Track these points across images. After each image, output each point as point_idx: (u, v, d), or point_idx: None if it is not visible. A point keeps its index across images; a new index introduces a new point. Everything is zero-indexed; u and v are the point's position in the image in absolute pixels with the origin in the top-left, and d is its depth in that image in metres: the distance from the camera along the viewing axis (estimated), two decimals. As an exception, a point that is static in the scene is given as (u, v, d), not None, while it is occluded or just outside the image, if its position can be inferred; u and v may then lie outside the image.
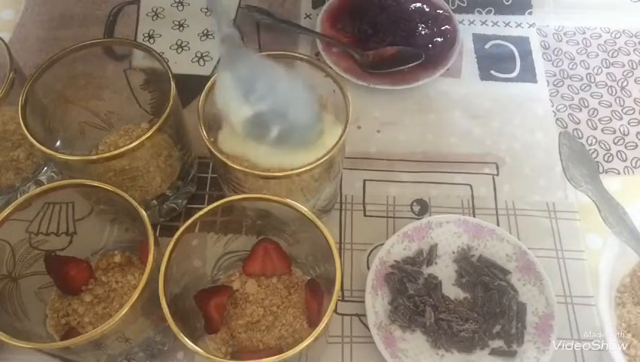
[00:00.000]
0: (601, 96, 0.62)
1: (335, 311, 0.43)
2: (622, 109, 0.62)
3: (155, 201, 0.50)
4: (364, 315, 0.46)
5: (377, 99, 0.61)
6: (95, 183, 0.41)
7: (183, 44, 0.66)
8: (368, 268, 0.50)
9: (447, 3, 0.67)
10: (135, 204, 0.39)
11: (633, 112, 0.61)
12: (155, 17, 0.68)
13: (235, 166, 0.41)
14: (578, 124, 0.60)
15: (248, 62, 0.42)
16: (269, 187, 0.43)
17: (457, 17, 0.66)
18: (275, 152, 0.43)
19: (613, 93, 0.63)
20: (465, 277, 0.49)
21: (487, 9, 0.69)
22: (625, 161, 0.58)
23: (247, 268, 0.46)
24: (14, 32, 0.66)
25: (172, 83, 0.44)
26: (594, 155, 0.58)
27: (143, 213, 0.39)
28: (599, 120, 0.61)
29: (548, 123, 0.60)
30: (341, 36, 0.65)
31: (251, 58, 0.43)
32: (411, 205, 0.55)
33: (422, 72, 0.61)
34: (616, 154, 0.58)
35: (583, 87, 0.63)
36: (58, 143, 0.48)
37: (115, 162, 0.43)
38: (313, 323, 0.42)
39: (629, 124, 0.60)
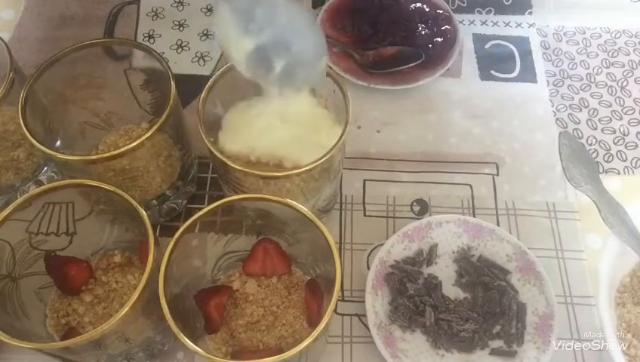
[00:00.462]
0: (601, 96, 0.62)
1: (335, 311, 0.43)
2: (622, 109, 0.62)
3: (155, 201, 0.50)
4: (364, 315, 0.46)
5: (377, 99, 0.61)
6: (95, 183, 0.41)
7: (183, 44, 0.66)
8: (368, 268, 0.50)
9: (447, 3, 0.67)
10: (135, 204, 0.39)
11: (633, 112, 0.61)
12: (155, 17, 0.68)
13: (235, 166, 0.41)
14: (578, 124, 0.60)
15: None
16: (269, 187, 0.43)
17: (457, 17, 0.66)
18: (278, 146, 0.43)
19: (613, 93, 0.63)
20: (465, 277, 0.49)
21: (487, 9, 0.69)
22: (625, 161, 0.58)
23: (247, 268, 0.46)
24: (14, 32, 0.66)
25: (172, 83, 0.44)
26: (594, 155, 0.58)
27: (143, 213, 0.39)
28: (599, 120, 0.61)
29: (548, 123, 0.60)
30: (341, 36, 0.65)
31: None
32: (411, 205, 0.55)
33: (422, 72, 0.61)
34: (616, 154, 0.58)
35: (583, 87, 0.63)
36: (58, 143, 0.48)
37: (115, 162, 0.43)
38: (313, 323, 0.42)
39: (629, 124, 0.60)
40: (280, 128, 0.44)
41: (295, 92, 0.42)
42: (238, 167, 0.41)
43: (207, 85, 0.44)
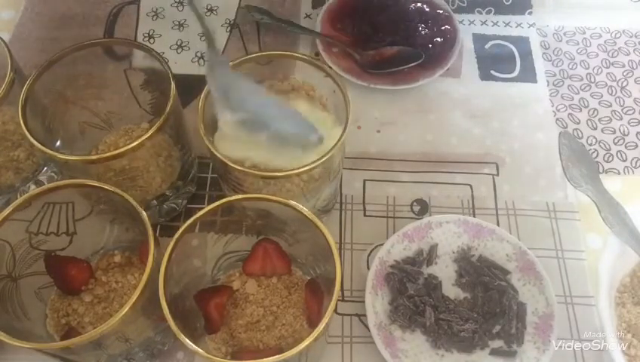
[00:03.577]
0: (601, 96, 0.62)
1: (335, 311, 0.43)
2: (622, 109, 0.62)
3: (155, 201, 0.50)
4: (364, 315, 0.46)
5: (377, 99, 0.61)
6: (95, 183, 0.41)
7: (183, 44, 0.66)
8: (368, 268, 0.50)
9: (447, 3, 0.67)
10: (135, 204, 0.39)
11: (633, 112, 0.61)
12: (155, 17, 0.68)
13: (235, 166, 0.41)
14: (578, 124, 0.60)
15: (225, 73, 0.43)
16: (269, 187, 0.43)
17: (457, 17, 0.66)
18: (274, 156, 0.43)
19: (613, 93, 0.63)
20: (465, 277, 0.49)
21: (487, 9, 0.69)
22: (625, 161, 0.58)
23: (247, 268, 0.46)
24: (14, 32, 0.66)
25: (172, 83, 0.44)
26: (594, 155, 0.58)
27: (143, 213, 0.39)
28: (599, 120, 0.61)
29: (548, 123, 0.60)
30: (341, 36, 0.65)
31: (227, 69, 0.43)
32: (411, 205, 0.55)
33: (422, 72, 0.61)
34: (616, 154, 0.58)
35: (583, 87, 0.63)
36: (58, 143, 0.48)
37: (115, 162, 0.43)
38: (313, 323, 0.42)
39: (629, 124, 0.60)
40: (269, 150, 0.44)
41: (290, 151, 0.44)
42: (238, 167, 0.41)
43: (207, 85, 0.44)
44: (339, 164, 0.47)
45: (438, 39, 0.63)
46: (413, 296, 0.47)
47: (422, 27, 0.64)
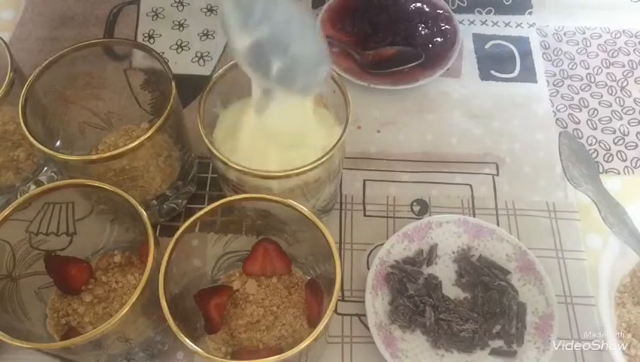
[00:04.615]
0: (601, 96, 0.62)
1: (335, 311, 0.43)
2: (622, 109, 0.62)
3: (155, 201, 0.50)
4: (364, 315, 0.46)
5: (377, 99, 0.61)
6: (95, 183, 0.41)
7: (183, 44, 0.66)
8: (368, 268, 0.50)
9: (447, 3, 0.67)
10: (135, 203, 0.39)
11: (633, 112, 0.61)
12: (155, 17, 0.68)
13: (235, 166, 0.41)
14: (578, 124, 0.60)
15: None
16: (268, 187, 0.43)
17: (457, 17, 0.66)
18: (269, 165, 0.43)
19: (613, 93, 0.63)
20: (465, 277, 0.49)
21: (487, 9, 0.69)
22: (625, 161, 0.58)
23: (247, 268, 0.46)
24: (14, 32, 0.66)
25: (172, 83, 0.44)
26: (594, 155, 0.58)
27: (143, 213, 0.39)
28: (599, 120, 0.61)
29: (548, 123, 0.60)
30: (341, 36, 0.65)
31: None
32: (411, 205, 0.55)
33: (422, 72, 0.61)
34: (616, 154, 0.58)
35: (583, 87, 0.63)
36: (58, 143, 0.49)
37: (115, 162, 0.43)
38: (313, 323, 0.42)
39: (629, 124, 0.60)
40: (268, 148, 0.44)
41: (294, 96, 0.42)
42: (238, 167, 0.41)
43: (207, 85, 0.44)
44: (339, 164, 0.47)
45: (438, 39, 0.63)
46: (413, 295, 0.47)
47: (422, 27, 0.64)
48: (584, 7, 0.69)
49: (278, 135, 0.44)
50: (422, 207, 0.55)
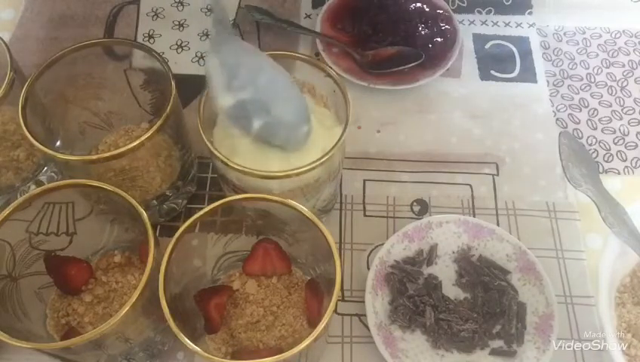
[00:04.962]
0: (601, 96, 0.62)
1: (335, 311, 0.43)
2: (622, 109, 0.62)
3: (155, 201, 0.50)
4: (364, 315, 0.46)
5: (377, 99, 0.61)
6: (95, 183, 0.41)
7: (183, 44, 0.66)
8: (368, 268, 0.50)
9: (447, 3, 0.67)
10: (135, 203, 0.39)
11: (633, 112, 0.61)
12: (155, 17, 0.68)
13: (235, 166, 0.41)
14: (578, 124, 0.60)
15: (234, 48, 0.42)
16: (268, 187, 0.43)
17: (457, 17, 0.66)
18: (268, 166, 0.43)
19: (613, 93, 0.63)
20: (465, 277, 0.49)
21: (487, 9, 0.69)
22: (625, 161, 0.58)
23: (247, 268, 0.46)
24: (14, 32, 0.66)
25: (172, 83, 0.44)
26: (594, 155, 0.58)
27: (143, 213, 0.39)
28: (599, 120, 0.61)
29: (548, 123, 0.60)
30: (341, 36, 0.65)
31: (238, 44, 0.42)
32: (411, 205, 0.55)
33: (422, 72, 0.61)
34: (616, 154, 0.58)
35: (583, 87, 0.63)
36: (58, 143, 0.48)
37: (115, 162, 0.43)
38: (313, 323, 0.42)
39: (629, 124, 0.60)
40: (268, 148, 0.44)
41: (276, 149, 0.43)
42: (238, 167, 0.41)
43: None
44: (339, 164, 0.47)
45: (438, 39, 0.63)
46: (413, 295, 0.47)
47: (422, 27, 0.64)
48: (584, 7, 0.69)
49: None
50: (422, 207, 0.55)
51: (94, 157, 0.43)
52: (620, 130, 0.60)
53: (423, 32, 0.64)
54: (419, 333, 0.47)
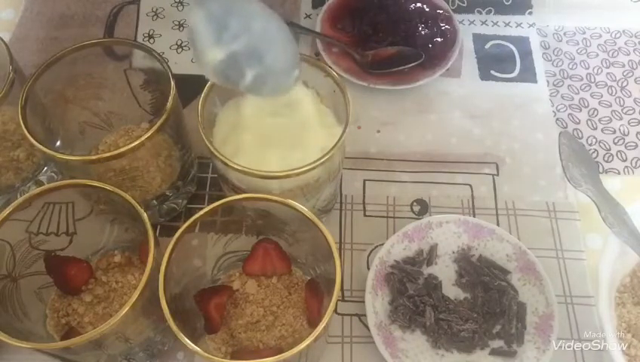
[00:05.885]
0: (601, 96, 0.62)
1: (335, 311, 0.43)
2: (622, 109, 0.62)
3: (155, 201, 0.50)
4: (364, 315, 0.46)
5: (377, 99, 0.61)
6: (95, 183, 0.41)
7: (183, 44, 0.66)
8: (368, 268, 0.50)
9: (447, 3, 0.67)
10: (135, 203, 0.40)
11: (633, 112, 0.61)
12: (155, 17, 0.68)
13: (235, 166, 0.41)
14: (578, 124, 0.60)
15: None
16: (268, 187, 0.43)
17: (457, 17, 0.66)
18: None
19: (613, 93, 0.63)
20: (465, 277, 0.49)
21: (487, 9, 0.69)
22: (625, 161, 0.58)
23: (247, 268, 0.46)
24: (14, 32, 0.66)
25: (172, 83, 0.44)
26: (594, 155, 0.58)
27: (143, 213, 0.39)
28: (599, 120, 0.61)
29: (548, 123, 0.60)
30: (341, 36, 0.65)
31: None
32: (411, 205, 0.55)
33: (422, 72, 0.61)
34: (616, 154, 0.58)
35: (583, 87, 0.63)
36: (58, 143, 0.48)
37: (115, 162, 0.43)
38: (313, 323, 0.42)
39: (629, 124, 0.60)
40: (268, 148, 0.44)
41: (264, 98, 0.42)
42: (238, 167, 0.41)
43: (207, 85, 0.44)
44: (339, 164, 0.47)
45: (438, 39, 0.63)
46: (413, 295, 0.47)
47: (422, 27, 0.64)
48: (584, 7, 0.69)
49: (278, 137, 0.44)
50: (422, 207, 0.55)
51: (94, 157, 0.43)
52: (620, 130, 0.60)
53: (423, 32, 0.64)
54: (419, 333, 0.47)
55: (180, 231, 0.39)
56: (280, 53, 0.40)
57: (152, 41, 0.66)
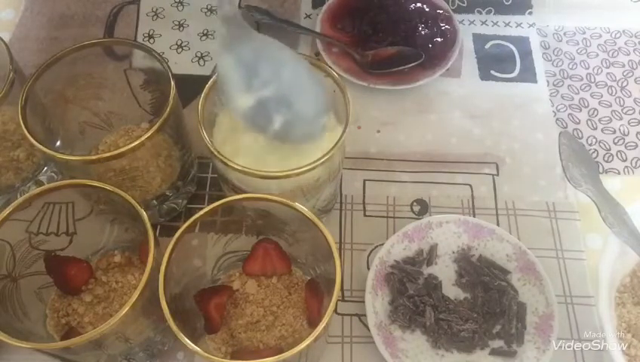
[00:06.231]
0: (601, 96, 0.62)
1: (335, 311, 0.43)
2: (622, 109, 0.62)
3: (155, 201, 0.50)
4: (364, 315, 0.46)
5: (377, 99, 0.61)
6: (95, 183, 0.41)
7: (183, 44, 0.66)
8: (368, 268, 0.50)
9: (447, 3, 0.67)
10: (135, 203, 0.40)
11: (633, 112, 0.61)
12: (155, 17, 0.68)
13: (235, 166, 0.41)
14: (578, 124, 0.60)
15: (252, 44, 0.39)
16: (268, 187, 0.43)
17: (457, 17, 0.66)
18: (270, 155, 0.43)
19: (613, 93, 0.63)
20: (465, 277, 0.49)
21: (487, 9, 0.69)
22: (625, 161, 0.58)
23: (247, 268, 0.46)
24: (14, 32, 0.66)
25: (172, 83, 0.44)
26: (594, 155, 0.58)
27: (143, 213, 0.39)
28: (599, 120, 0.61)
29: (548, 123, 0.60)
30: (341, 36, 0.65)
31: (255, 39, 0.39)
32: (411, 205, 0.55)
33: (422, 72, 0.61)
34: (616, 154, 0.58)
35: (583, 87, 0.63)
36: (58, 143, 0.49)
37: (115, 162, 0.43)
38: (313, 323, 0.42)
39: (629, 124, 0.60)
40: (268, 148, 0.44)
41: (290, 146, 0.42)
42: (238, 167, 0.41)
43: (207, 85, 0.44)
44: (339, 164, 0.47)
45: (438, 39, 0.63)
46: (413, 295, 0.47)
47: (422, 27, 0.64)
48: (584, 7, 0.69)
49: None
50: (422, 207, 0.55)
51: (94, 157, 0.43)
52: (620, 130, 0.60)
53: (423, 32, 0.64)
54: (419, 333, 0.47)
55: (179, 231, 0.39)
56: (308, 100, 0.40)
57: (152, 41, 0.66)
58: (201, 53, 0.65)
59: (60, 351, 0.38)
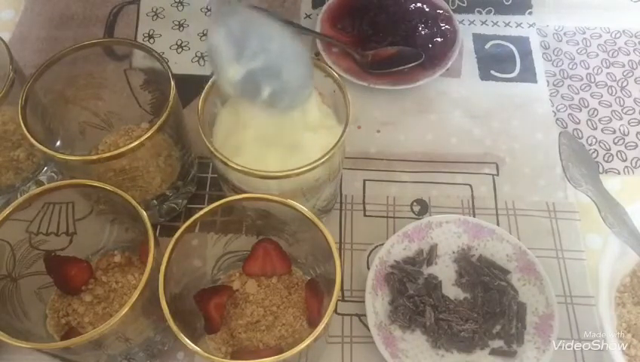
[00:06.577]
0: (601, 96, 0.62)
1: (335, 311, 0.43)
2: (622, 109, 0.62)
3: (155, 201, 0.50)
4: (364, 315, 0.46)
5: (377, 99, 0.61)
6: (95, 183, 0.41)
7: (183, 44, 0.66)
8: (368, 268, 0.50)
9: (447, 3, 0.67)
10: (135, 203, 0.40)
11: (633, 112, 0.61)
12: (155, 17, 0.68)
13: (235, 166, 0.41)
14: (578, 124, 0.60)
15: (241, 19, 0.41)
16: (268, 187, 0.43)
17: (457, 17, 0.66)
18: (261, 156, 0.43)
19: (613, 93, 0.63)
20: (465, 277, 0.49)
21: (487, 9, 0.69)
22: (625, 161, 0.58)
23: (247, 268, 0.46)
24: (14, 32, 0.66)
25: (172, 83, 0.44)
26: (594, 155, 0.58)
27: (143, 213, 0.39)
28: (599, 120, 0.61)
29: (548, 123, 0.60)
30: (341, 36, 0.65)
31: (244, 14, 0.41)
32: (411, 205, 0.55)
33: (422, 72, 0.61)
34: (616, 154, 0.58)
35: (583, 87, 0.63)
36: (58, 143, 0.49)
37: (115, 162, 0.43)
38: (313, 323, 0.42)
39: (629, 124, 0.60)
40: (268, 148, 0.44)
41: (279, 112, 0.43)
42: (238, 167, 0.41)
43: (207, 85, 0.44)
44: (339, 164, 0.47)
45: (438, 39, 0.63)
46: (413, 295, 0.47)
47: (422, 27, 0.64)
48: (584, 7, 0.69)
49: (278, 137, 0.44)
50: (422, 207, 0.55)
51: (94, 157, 0.43)
52: (620, 130, 0.60)
53: (423, 32, 0.64)
54: (419, 333, 0.47)
55: (179, 231, 0.39)
56: (295, 70, 0.41)
57: (152, 41, 0.66)
58: (201, 53, 0.65)
59: (60, 351, 0.38)
